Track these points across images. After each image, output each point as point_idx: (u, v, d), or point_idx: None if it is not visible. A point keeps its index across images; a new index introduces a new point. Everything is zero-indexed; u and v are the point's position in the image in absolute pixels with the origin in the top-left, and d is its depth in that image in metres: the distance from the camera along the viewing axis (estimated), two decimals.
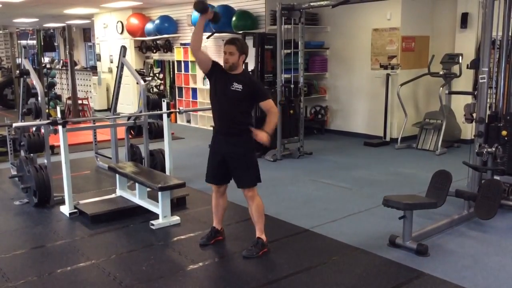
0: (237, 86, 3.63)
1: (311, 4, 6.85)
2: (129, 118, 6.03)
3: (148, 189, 4.73)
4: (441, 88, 7.40)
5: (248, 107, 3.75)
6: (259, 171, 3.80)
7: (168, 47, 11.05)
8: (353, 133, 8.76)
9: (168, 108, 5.57)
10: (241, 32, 8.11)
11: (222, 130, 3.77)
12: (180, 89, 10.72)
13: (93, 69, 14.45)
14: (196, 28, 3.70)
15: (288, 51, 7.30)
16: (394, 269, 3.56)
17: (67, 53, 10.39)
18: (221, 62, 3.74)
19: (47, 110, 5.65)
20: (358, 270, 3.56)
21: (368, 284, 3.37)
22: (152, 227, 4.41)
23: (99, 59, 13.29)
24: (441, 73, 7.43)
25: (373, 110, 8.40)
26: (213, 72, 3.73)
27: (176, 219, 4.54)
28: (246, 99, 3.67)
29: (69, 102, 10.92)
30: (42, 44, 10.07)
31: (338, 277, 3.45)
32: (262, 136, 3.62)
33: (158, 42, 11.24)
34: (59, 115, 4.76)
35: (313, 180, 6.00)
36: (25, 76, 6.25)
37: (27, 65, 6.05)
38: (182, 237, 4.24)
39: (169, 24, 10.62)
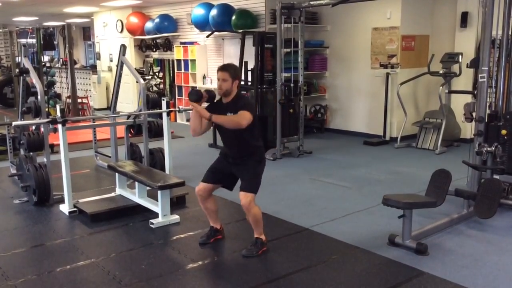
0: (231, 115, 3.63)
1: (311, 3, 6.85)
2: (128, 117, 6.03)
3: (148, 188, 4.74)
4: (441, 87, 7.40)
5: (250, 131, 3.68)
6: (259, 183, 3.74)
7: (167, 46, 11.05)
8: (353, 132, 8.76)
9: (167, 107, 5.56)
10: (240, 31, 8.11)
11: (232, 155, 3.79)
12: (180, 88, 10.71)
13: (93, 68, 14.44)
14: (192, 115, 3.77)
15: (288, 50, 7.29)
16: (393, 268, 3.56)
17: (67, 52, 10.36)
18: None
19: (46, 109, 5.64)
20: (358, 269, 3.56)
21: (367, 283, 3.37)
22: (151, 225, 4.41)
23: (98, 58, 13.28)
24: (441, 72, 7.42)
25: (372, 109, 8.40)
26: (213, 112, 3.68)
27: (175, 218, 4.54)
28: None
29: (69, 100, 10.91)
30: (42, 42, 10.06)
31: (338, 276, 3.46)
32: (204, 113, 3.59)
33: (157, 41, 11.24)
34: (58, 113, 4.75)
35: (313, 179, 6.01)
36: (24, 75, 6.24)
37: (26, 63, 6.05)
38: (182, 236, 4.24)
39: (168, 23, 10.62)
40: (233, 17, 8.73)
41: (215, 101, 3.83)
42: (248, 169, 3.72)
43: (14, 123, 5.10)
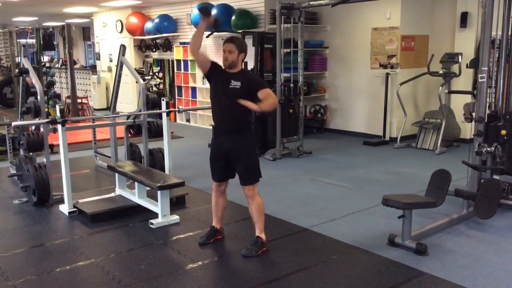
0: (236, 84, 3.66)
1: (311, 3, 6.85)
2: (128, 117, 6.03)
3: (148, 188, 4.73)
4: (441, 88, 7.40)
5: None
6: (260, 169, 3.81)
7: (167, 46, 11.04)
8: (353, 132, 8.76)
9: (167, 107, 5.57)
10: (240, 31, 8.11)
11: (223, 128, 3.78)
12: (180, 88, 10.72)
13: (93, 68, 14.44)
14: (197, 31, 3.78)
15: (288, 50, 7.29)
16: (393, 269, 3.56)
17: (67, 52, 10.37)
18: (220, 62, 3.76)
19: (46, 109, 5.64)
20: (357, 270, 3.56)
21: (367, 283, 3.37)
22: (151, 226, 4.41)
23: (98, 58, 13.28)
24: (440, 72, 7.42)
25: (372, 109, 8.40)
26: (212, 72, 3.78)
27: (175, 218, 4.54)
28: (246, 96, 3.66)
29: (69, 101, 10.92)
30: (42, 43, 10.07)
31: (337, 276, 3.45)
32: (253, 105, 3.61)
33: (157, 41, 11.24)
34: (58, 114, 4.75)
35: (313, 179, 6.00)
36: (24, 75, 6.25)
37: (26, 64, 6.05)
38: (181, 236, 4.24)
39: (168, 23, 10.62)
40: (233, 17, 8.73)
41: (218, 69, 3.80)
42: (244, 159, 3.73)
43: (13, 123, 5.10)
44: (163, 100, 5.60)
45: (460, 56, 7.27)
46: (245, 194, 3.82)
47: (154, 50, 11.47)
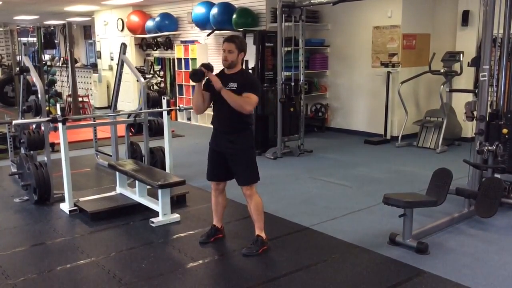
0: (232, 85, 3.65)
1: (312, 1, 6.85)
2: (129, 115, 6.03)
3: (148, 187, 4.73)
4: (442, 86, 7.39)
5: None
6: (258, 170, 3.79)
7: (168, 44, 11.04)
8: (354, 131, 8.75)
9: (168, 106, 5.56)
10: (241, 29, 8.10)
11: (221, 129, 3.78)
12: (181, 86, 10.71)
13: (94, 67, 14.44)
14: (194, 94, 3.79)
15: (289, 48, 7.28)
16: (394, 267, 3.56)
17: (68, 51, 10.37)
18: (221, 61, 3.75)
19: (47, 108, 5.65)
20: (358, 268, 3.56)
21: (368, 282, 3.37)
22: (152, 224, 4.41)
23: (99, 57, 13.28)
24: (442, 71, 7.41)
25: (373, 108, 8.39)
26: (209, 84, 3.74)
27: (176, 216, 4.53)
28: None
29: (69, 99, 10.91)
30: (43, 41, 10.07)
31: (338, 275, 3.45)
32: (217, 83, 3.58)
33: (158, 39, 11.23)
34: (59, 112, 4.75)
35: (313, 178, 6.00)
36: (25, 74, 6.24)
37: (27, 62, 6.05)
38: (182, 234, 4.24)
39: (169, 22, 10.61)
40: (234, 16, 8.72)
41: (214, 73, 3.76)
42: (241, 160, 3.72)
43: (14, 122, 5.09)
44: (164, 98, 5.60)
45: (461, 55, 7.25)
46: (244, 193, 3.81)
47: (155, 48, 11.47)
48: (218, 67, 3.70)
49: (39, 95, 5.37)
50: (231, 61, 3.66)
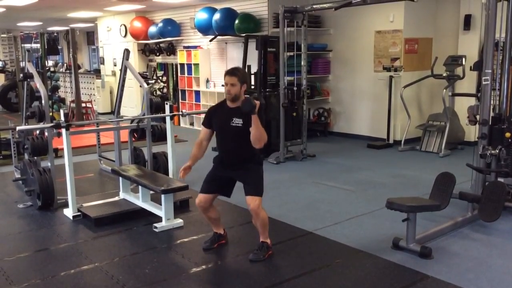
0: (238, 121, 3.63)
1: (314, 6, 6.86)
2: (132, 121, 6.04)
3: (151, 192, 4.74)
4: (445, 90, 7.39)
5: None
6: (263, 187, 3.73)
7: (171, 50, 11.07)
8: (356, 135, 8.74)
9: (171, 111, 5.58)
10: (243, 34, 8.12)
11: (228, 161, 3.76)
12: (183, 91, 10.74)
13: (97, 72, 14.49)
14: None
15: (291, 53, 7.30)
16: (397, 272, 3.55)
17: (71, 57, 10.43)
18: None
19: (50, 113, 5.68)
20: (362, 273, 3.55)
21: (371, 287, 3.36)
22: (155, 229, 4.41)
23: (102, 62, 13.33)
24: (444, 75, 7.41)
25: (376, 112, 8.39)
26: (211, 119, 3.77)
27: (179, 221, 4.54)
28: (249, 131, 3.59)
29: (73, 105, 10.96)
30: (46, 47, 10.10)
31: (341, 280, 3.45)
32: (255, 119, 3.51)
33: (161, 45, 11.27)
34: (62, 118, 4.77)
35: (316, 182, 6.00)
36: (28, 80, 6.27)
37: (30, 68, 6.08)
38: (185, 239, 4.24)
39: (172, 27, 10.65)
40: (236, 21, 8.75)
41: (216, 110, 3.80)
42: (251, 173, 3.70)
43: (18, 128, 5.12)
44: (166, 104, 5.61)
45: (463, 59, 7.25)
46: (251, 209, 3.64)
47: (157, 54, 11.50)
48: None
49: (43, 101, 5.40)
50: (234, 94, 3.63)
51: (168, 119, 5.53)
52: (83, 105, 11.26)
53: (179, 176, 3.82)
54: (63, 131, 4.72)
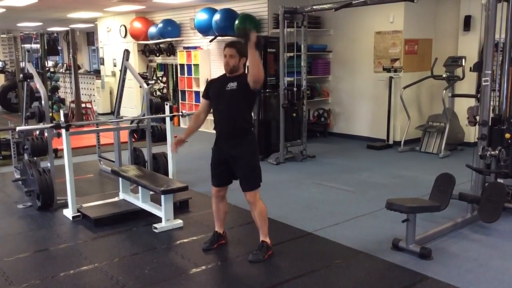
0: (232, 85, 3.67)
1: (314, 7, 6.87)
2: (132, 121, 6.04)
3: (151, 193, 4.74)
4: (444, 91, 7.39)
5: (247, 106, 3.76)
6: (260, 174, 3.78)
7: (171, 50, 11.08)
8: (356, 136, 8.75)
9: (171, 112, 5.59)
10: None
11: (223, 133, 3.77)
12: (183, 92, 10.74)
13: (97, 73, 14.49)
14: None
15: (291, 54, 7.30)
16: (397, 273, 3.55)
17: (71, 57, 10.43)
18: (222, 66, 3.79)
19: (50, 114, 5.67)
20: (361, 274, 3.55)
21: (371, 287, 3.36)
22: (155, 230, 4.41)
23: (102, 63, 13.33)
24: (444, 76, 7.41)
25: (376, 113, 8.39)
26: (209, 89, 3.86)
27: (179, 222, 4.54)
28: (244, 96, 3.66)
29: (73, 105, 10.95)
30: (46, 48, 10.10)
31: (341, 281, 3.45)
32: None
33: (161, 45, 11.27)
34: (62, 118, 4.77)
35: (316, 183, 6.00)
36: (28, 80, 6.27)
37: (30, 69, 6.08)
38: (185, 240, 4.24)
39: (172, 28, 10.65)
40: (236, 22, 8.75)
41: (214, 82, 3.88)
42: (245, 163, 3.70)
43: (18, 128, 5.12)
44: (166, 104, 5.62)
45: (463, 60, 7.26)
46: (247, 200, 3.77)
47: (157, 54, 11.50)
48: (220, 73, 3.72)
49: (43, 102, 5.40)
50: (233, 65, 3.66)
51: (168, 119, 5.54)
52: (83, 105, 11.25)
53: (172, 149, 3.86)
54: (63, 131, 4.72)
